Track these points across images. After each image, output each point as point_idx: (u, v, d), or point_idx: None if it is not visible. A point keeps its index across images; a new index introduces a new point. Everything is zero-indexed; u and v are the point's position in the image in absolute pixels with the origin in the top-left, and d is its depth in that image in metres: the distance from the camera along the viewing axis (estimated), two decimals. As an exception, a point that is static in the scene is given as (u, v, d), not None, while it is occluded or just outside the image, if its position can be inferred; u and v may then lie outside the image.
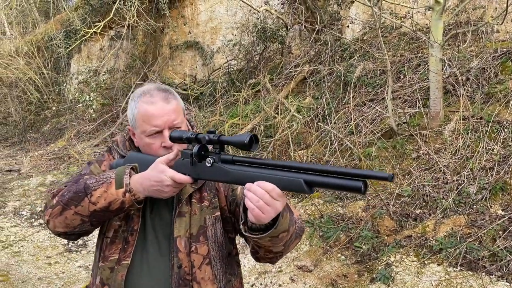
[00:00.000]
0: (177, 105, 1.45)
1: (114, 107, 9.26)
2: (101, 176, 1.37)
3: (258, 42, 7.41)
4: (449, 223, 3.85)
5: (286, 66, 6.87)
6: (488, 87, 4.71)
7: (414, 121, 4.96)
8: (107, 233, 1.43)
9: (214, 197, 1.45)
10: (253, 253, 1.38)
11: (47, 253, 5.26)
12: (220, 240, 1.44)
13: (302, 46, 7.30)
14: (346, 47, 6.52)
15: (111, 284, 1.40)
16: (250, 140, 1.19)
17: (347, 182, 1.04)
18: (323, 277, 4.03)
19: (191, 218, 1.42)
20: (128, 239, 1.41)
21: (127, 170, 1.35)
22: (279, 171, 1.15)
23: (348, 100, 5.63)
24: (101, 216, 1.35)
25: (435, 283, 3.44)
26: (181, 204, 1.42)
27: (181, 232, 1.40)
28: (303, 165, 1.12)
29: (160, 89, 1.46)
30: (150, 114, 1.40)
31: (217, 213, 1.44)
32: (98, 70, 10.48)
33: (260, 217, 1.13)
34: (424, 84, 5.21)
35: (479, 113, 4.52)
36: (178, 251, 1.39)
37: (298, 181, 1.09)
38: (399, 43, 6.04)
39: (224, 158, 1.26)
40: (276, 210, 1.13)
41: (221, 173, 1.25)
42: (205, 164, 1.28)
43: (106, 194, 1.32)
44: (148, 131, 1.42)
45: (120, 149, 1.53)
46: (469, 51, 5.22)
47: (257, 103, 6.53)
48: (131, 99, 1.47)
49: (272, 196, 1.11)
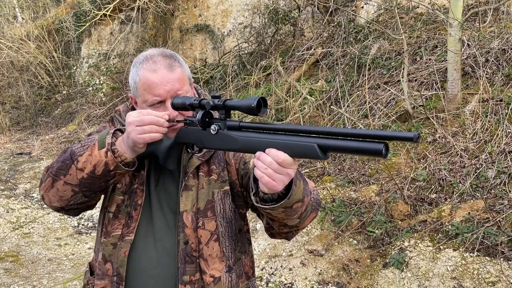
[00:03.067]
0: (182, 73, 1.35)
1: (124, 91, 9.21)
2: (86, 140, 1.29)
3: (270, 24, 7.25)
4: (466, 207, 3.72)
5: (298, 48, 6.72)
6: (509, 68, 4.53)
7: (430, 104, 4.81)
8: (110, 208, 1.35)
9: (223, 171, 1.36)
10: (268, 229, 1.30)
11: (57, 234, 5.26)
12: (229, 216, 1.35)
13: (315, 28, 7.13)
14: (360, 29, 6.34)
15: (113, 261, 1.33)
16: (258, 103, 1.09)
17: (366, 145, 0.94)
18: (334, 262, 3.95)
19: (198, 192, 1.33)
20: (132, 214, 1.33)
21: (112, 130, 1.26)
22: (290, 136, 1.05)
23: (362, 82, 5.48)
24: (91, 183, 1.26)
25: (450, 268, 3.34)
26: (187, 177, 1.33)
27: (188, 206, 1.31)
28: (316, 128, 1.03)
29: (164, 55, 1.35)
30: (151, 83, 1.30)
31: (226, 187, 1.35)
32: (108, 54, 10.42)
33: (270, 184, 1.04)
34: (441, 66, 5.04)
35: (499, 95, 4.35)
36: (184, 226, 1.31)
37: (311, 146, 1.00)
38: (415, 24, 5.84)
39: (230, 124, 1.17)
40: (289, 176, 1.05)
41: (227, 141, 1.15)
42: (209, 131, 1.19)
43: (91, 157, 1.23)
44: (150, 101, 1.32)
45: (122, 119, 1.44)
46: (489, 32, 5.03)
47: (268, 87, 6.41)
48: (133, 65, 1.38)
49: (281, 164, 1.03)
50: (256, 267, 4.05)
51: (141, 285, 1.31)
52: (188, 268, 1.30)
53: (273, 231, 1.28)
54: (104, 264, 1.34)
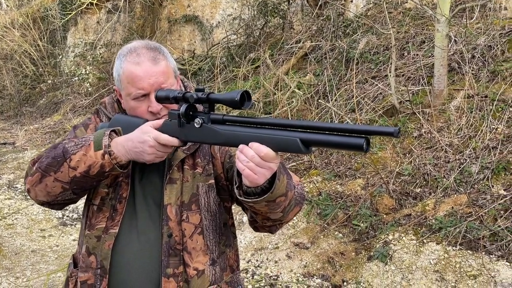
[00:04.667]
0: (166, 66, 1.33)
1: (110, 82, 9.10)
2: (80, 139, 1.27)
3: (259, 16, 7.22)
4: (449, 202, 3.78)
5: (287, 41, 6.70)
6: (494, 65, 4.58)
7: (417, 99, 4.85)
8: (94, 201, 1.34)
9: (209, 164, 1.36)
10: (251, 222, 1.30)
11: (41, 226, 5.20)
12: (214, 209, 1.35)
13: (304, 21, 7.11)
14: (349, 23, 6.35)
15: (97, 253, 1.32)
16: (242, 97, 1.09)
17: (347, 139, 0.95)
18: (320, 255, 3.98)
19: (183, 185, 1.33)
20: (116, 207, 1.32)
21: (107, 131, 1.26)
22: (274, 130, 1.05)
23: (350, 77, 5.50)
24: (83, 182, 1.26)
25: (433, 261, 3.39)
26: (172, 170, 1.32)
27: (172, 199, 1.31)
28: (299, 122, 1.03)
29: (149, 47, 1.33)
30: (135, 76, 1.29)
31: (211, 180, 1.35)
32: (95, 43, 10.27)
33: (252, 178, 1.04)
34: (428, 62, 5.07)
35: (484, 92, 4.41)
36: (168, 219, 1.30)
37: (293, 140, 1.00)
38: (404, 19, 5.87)
39: (214, 118, 1.17)
40: (271, 170, 1.05)
41: (211, 135, 1.15)
42: (193, 125, 1.18)
43: (85, 157, 1.23)
44: (133, 94, 1.31)
45: (108, 112, 1.43)
46: (475, 28, 5.08)
47: (257, 79, 6.39)
48: (117, 57, 1.36)
49: (263, 158, 1.03)
50: (242, 260, 4.07)
51: (125, 278, 1.30)
52: (172, 261, 1.29)
53: (257, 224, 1.28)
54: (88, 256, 1.33)
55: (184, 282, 1.30)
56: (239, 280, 1.45)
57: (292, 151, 1.02)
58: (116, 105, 1.44)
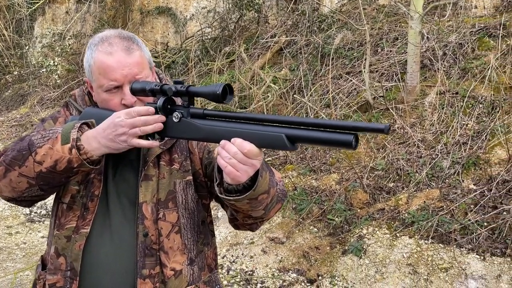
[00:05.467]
0: (140, 56, 1.27)
1: (80, 73, 8.84)
2: (47, 131, 1.19)
3: (234, 9, 7.14)
4: (421, 196, 3.85)
5: (262, 36, 6.67)
6: (465, 62, 4.69)
7: (390, 95, 4.91)
8: (63, 199, 1.27)
9: (186, 160, 1.31)
10: (232, 220, 1.26)
11: (8, 222, 5.01)
12: (192, 207, 1.30)
13: (279, 15, 7.09)
14: (323, 18, 6.36)
15: (67, 255, 1.25)
16: (224, 90, 1.05)
17: (336, 136, 0.92)
18: (295, 249, 3.99)
19: (159, 182, 1.27)
20: (88, 206, 1.25)
21: (78, 124, 1.17)
22: (257, 126, 1.02)
23: (325, 72, 5.52)
24: (50, 178, 1.17)
25: (406, 255, 3.45)
26: (147, 166, 1.27)
27: (148, 197, 1.25)
28: (285, 118, 1.00)
29: (122, 37, 1.27)
30: (107, 66, 1.23)
31: (188, 177, 1.30)
32: (64, 34, 9.95)
33: (234, 175, 1.01)
34: (401, 58, 5.14)
35: (455, 88, 4.50)
36: (144, 218, 1.25)
37: (279, 136, 0.97)
38: (378, 15, 5.93)
39: (193, 112, 1.12)
40: (254, 167, 1.02)
41: (190, 130, 1.11)
42: (171, 119, 1.13)
43: (52, 151, 1.14)
44: (106, 86, 1.24)
45: (78, 104, 1.35)
46: (447, 26, 5.18)
47: (232, 73, 6.33)
48: (88, 47, 1.29)
49: (246, 155, 0.99)
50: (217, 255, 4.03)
51: (97, 281, 1.24)
52: (148, 262, 1.24)
53: (237, 222, 1.25)
54: (56, 258, 1.26)
55: (160, 283, 1.25)
56: (217, 279, 1.42)
57: (277, 148, 0.99)
58: (87, 97, 1.37)
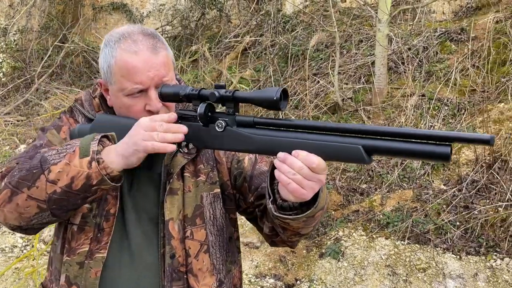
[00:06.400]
0: (167, 56, 1.13)
1: (28, 71, 8.28)
2: (63, 146, 1.03)
3: (196, 7, 6.96)
4: (395, 197, 3.90)
5: (226, 35, 6.55)
6: (429, 65, 4.83)
7: (358, 97, 4.96)
8: (73, 219, 1.11)
9: (213, 170, 1.18)
10: (269, 237, 1.15)
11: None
12: (220, 223, 1.18)
13: (242, 15, 7.00)
14: (288, 19, 6.35)
15: (81, 284, 1.09)
16: (282, 95, 0.93)
17: (430, 148, 0.82)
18: (270, 254, 3.92)
19: (185, 196, 1.14)
20: (103, 226, 1.10)
21: (98, 136, 1.03)
22: (323, 136, 0.90)
23: (291, 73, 5.50)
24: (63, 200, 1.00)
25: (384, 257, 3.48)
26: (172, 179, 1.13)
27: (174, 213, 1.12)
28: (357, 126, 0.89)
29: (146, 33, 1.13)
30: (132, 67, 1.08)
31: (216, 189, 1.18)
32: (8, 29, 9.28)
33: (299, 193, 0.90)
34: (367, 60, 5.22)
35: (421, 91, 4.62)
36: (170, 237, 1.11)
37: (354, 148, 0.86)
38: (342, 17, 6.00)
39: (241, 120, 0.99)
40: (320, 183, 0.92)
41: (238, 140, 0.98)
42: (214, 129, 1.00)
43: (68, 167, 0.98)
44: (129, 89, 1.09)
45: (85, 110, 1.19)
46: (409, 29, 5.32)
47: (195, 73, 6.16)
48: (105, 44, 1.13)
49: (313, 170, 0.89)
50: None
51: None
52: (175, 286, 1.11)
53: (277, 239, 1.14)
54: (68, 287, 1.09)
55: None
56: None
57: (351, 161, 0.89)
58: (96, 101, 1.21)
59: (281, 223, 1.02)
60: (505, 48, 4.35)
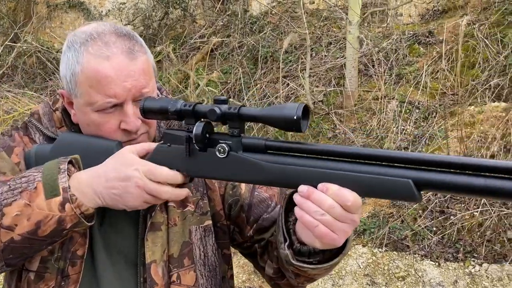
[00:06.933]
0: (147, 62, 0.93)
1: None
2: (16, 180, 0.82)
3: (159, 7, 6.69)
4: (370, 203, 3.82)
5: (191, 35, 6.32)
6: (398, 68, 4.81)
7: (329, 100, 4.88)
8: (29, 265, 0.89)
9: (203, 198, 0.99)
10: (274, 279, 0.97)
11: None
12: (213, 262, 1.00)
13: (207, 15, 6.79)
14: (254, 20, 6.20)
15: None
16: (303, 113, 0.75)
17: (506, 184, 0.62)
18: (244, 265, 3.75)
19: (169, 231, 0.94)
20: (68, 272, 0.89)
21: (63, 164, 0.82)
22: (357, 165, 0.72)
23: (260, 76, 5.35)
24: (25, 249, 0.81)
25: (362, 265, 3.38)
26: (154, 211, 0.93)
27: (157, 254, 0.92)
28: (401, 154, 0.70)
29: (120, 34, 0.92)
30: (103, 77, 0.87)
31: (207, 221, 0.99)
32: (-48, 26, 8.62)
33: (330, 238, 0.73)
34: (337, 63, 5.15)
35: (392, 94, 4.59)
36: (153, 284, 0.92)
37: (402, 183, 0.68)
38: (311, 20, 5.91)
39: (248, 143, 0.79)
40: (354, 224, 0.75)
41: (245, 169, 0.78)
42: (214, 154, 0.81)
43: (30, 209, 0.79)
44: (99, 104, 0.89)
45: (44, 127, 0.97)
46: (377, 32, 5.30)
47: (159, 75, 5.90)
48: (68, 47, 0.91)
49: (346, 209, 0.71)
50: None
51: None
52: None
53: (282, 282, 0.97)
54: None
55: None
56: None
57: (396, 198, 0.71)
58: (56, 116, 0.99)
59: (295, 269, 0.85)
60: (473, 51, 4.39)
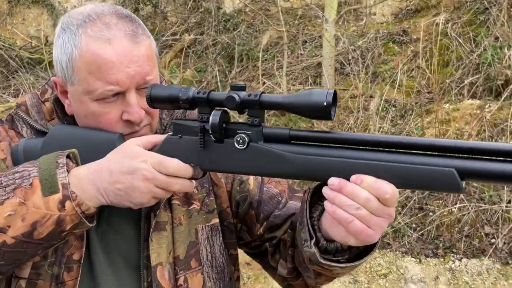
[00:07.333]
0: (150, 47, 0.85)
1: None
2: (8, 175, 0.72)
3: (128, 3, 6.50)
4: (350, 201, 3.82)
5: (163, 33, 6.17)
6: (374, 66, 4.84)
7: (306, 98, 4.86)
8: (20, 272, 0.79)
9: (209, 195, 0.92)
10: (288, 279, 0.91)
11: None
12: (220, 263, 0.93)
13: (178, 12, 6.65)
14: (228, 18, 6.12)
15: None
16: (331, 99, 0.68)
17: None
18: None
19: (175, 231, 0.87)
20: (63, 278, 0.80)
21: (61, 158, 0.73)
22: (393, 154, 0.66)
23: (236, 74, 5.28)
24: (19, 254, 0.72)
25: (344, 264, 3.36)
26: (158, 210, 0.84)
27: (163, 256, 0.84)
28: (441, 142, 0.65)
29: (121, 15, 0.83)
30: (104, 62, 0.79)
31: (214, 220, 0.92)
32: None
33: (365, 234, 0.67)
34: (313, 61, 5.14)
35: (368, 92, 4.61)
36: (159, 287, 0.82)
37: (445, 172, 0.62)
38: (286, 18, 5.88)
39: (270, 133, 0.72)
40: (390, 219, 0.69)
41: (267, 161, 0.71)
42: (231, 145, 0.73)
43: (25, 208, 0.69)
44: (100, 92, 0.80)
45: (32, 119, 0.86)
46: (355, 31, 5.32)
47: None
48: (62, 29, 0.82)
49: (383, 202, 0.65)
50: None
51: None
52: None
53: (297, 282, 0.90)
54: None
55: None
56: None
57: (438, 188, 0.66)
58: (48, 107, 0.88)
59: (319, 268, 0.78)
60: (447, 49, 4.46)
